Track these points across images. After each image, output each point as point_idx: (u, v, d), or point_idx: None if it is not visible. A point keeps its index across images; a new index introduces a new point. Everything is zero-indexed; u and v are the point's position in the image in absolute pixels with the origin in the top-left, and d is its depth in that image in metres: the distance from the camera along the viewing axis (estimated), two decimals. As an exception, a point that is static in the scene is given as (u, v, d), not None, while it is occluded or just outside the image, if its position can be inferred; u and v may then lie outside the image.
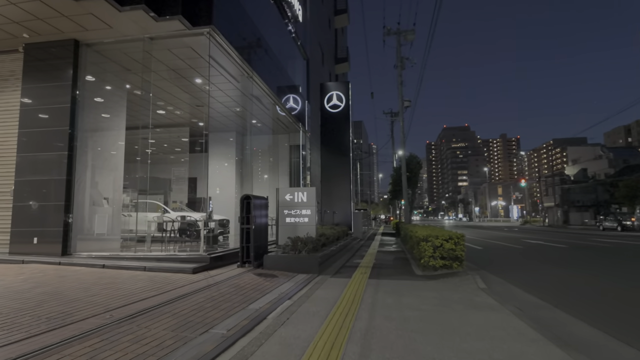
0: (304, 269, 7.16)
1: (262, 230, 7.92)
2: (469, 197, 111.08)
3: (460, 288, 5.86)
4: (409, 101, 19.65)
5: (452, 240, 7.32)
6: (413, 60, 20.58)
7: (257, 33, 10.83)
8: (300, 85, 17.65)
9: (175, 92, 11.53)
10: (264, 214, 8.07)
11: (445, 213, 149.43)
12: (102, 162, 8.83)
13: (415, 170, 23.32)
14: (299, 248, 7.56)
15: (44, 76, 8.11)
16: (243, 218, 7.46)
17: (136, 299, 4.58)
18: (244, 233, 7.43)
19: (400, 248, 13.43)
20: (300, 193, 8.98)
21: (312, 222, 8.82)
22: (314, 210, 8.87)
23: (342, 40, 36.77)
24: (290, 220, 8.93)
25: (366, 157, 73.36)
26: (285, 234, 8.61)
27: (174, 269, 6.58)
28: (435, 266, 7.30)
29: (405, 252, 11.85)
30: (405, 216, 19.70)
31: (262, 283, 5.98)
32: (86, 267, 6.82)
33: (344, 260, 9.49)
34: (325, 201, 17.60)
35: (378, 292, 5.52)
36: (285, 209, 8.98)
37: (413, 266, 8.44)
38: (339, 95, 17.84)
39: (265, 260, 7.37)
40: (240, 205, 7.47)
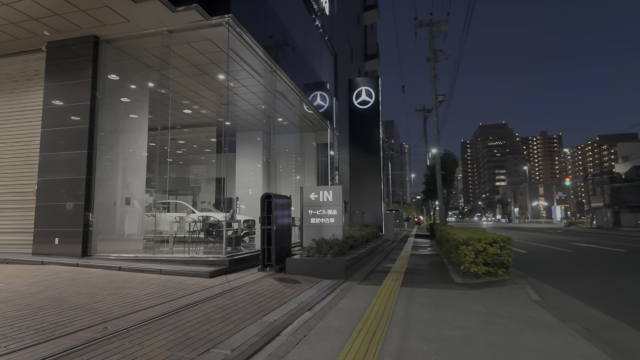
0: (329, 274, 6.56)
1: (285, 231, 7.40)
2: (507, 198, 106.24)
3: (509, 300, 5.04)
4: (444, 95, 18.60)
5: (497, 244, 6.47)
6: (447, 52, 19.51)
7: (280, 26, 10.36)
8: (327, 81, 17.08)
9: (199, 90, 11.27)
10: (286, 214, 7.54)
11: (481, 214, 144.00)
12: (123, 161, 8.63)
13: (451, 169, 22.10)
14: (324, 251, 6.96)
15: (65, 74, 8.00)
16: (264, 218, 6.97)
17: (141, 307, 4.15)
18: (265, 234, 6.93)
19: (436, 251, 12.53)
20: (325, 192, 8.39)
21: (339, 223, 8.20)
22: (340, 210, 8.25)
23: (371, 37, 35.90)
24: (315, 221, 8.36)
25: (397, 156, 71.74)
26: (310, 236, 8.04)
27: (190, 273, 6.17)
28: (478, 273, 6.48)
29: (442, 256, 10.97)
30: (440, 217, 18.64)
31: (282, 290, 5.43)
32: (102, 270, 6.55)
33: (374, 265, 8.80)
34: (355, 201, 16.91)
35: (412, 303, 4.82)
36: (310, 208, 8.42)
37: (451, 272, 7.63)
38: (368, 90, 17.11)
39: (288, 263, 6.83)
40: (261, 204, 6.98)
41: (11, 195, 8.30)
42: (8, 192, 8.32)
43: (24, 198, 8.17)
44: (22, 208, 8.15)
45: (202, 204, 16.26)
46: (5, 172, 8.39)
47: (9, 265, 6.85)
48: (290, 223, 7.69)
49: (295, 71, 11.56)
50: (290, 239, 7.63)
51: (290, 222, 7.69)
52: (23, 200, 8.17)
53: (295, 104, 12.81)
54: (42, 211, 7.79)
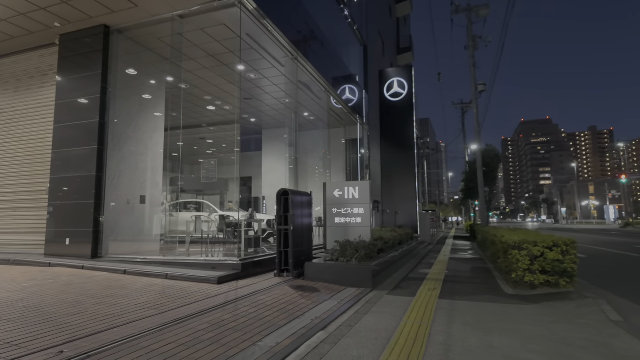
0: (353, 281, 5.68)
1: (305, 232, 6.60)
2: (553, 197, 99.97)
3: (581, 320, 3.95)
4: (484, 85, 17.12)
5: (558, 248, 5.33)
6: (488, 39, 17.99)
7: (301, 9, 9.60)
8: (356, 74, 16.18)
9: (220, 84, 10.75)
10: (306, 213, 6.74)
11: (525, 215, 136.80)
12: (138, 158, 8.19)
13: (493, 164, 20.42)
14: (348, 255, 6.09)
15: (77, 67, 7.66)
16: (280, 217, 6.21)
17: (121, 322, 3.49)
18: (282, 236, 6.16)
19: (478, 255, 11.28)
20: (351, 188, 7.52)
21: (366, 223, 7.30)
22: (368, 208, 7.34)
23: (404, 30, 34.50)
24: (339, 221, 7.50)
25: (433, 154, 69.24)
26: (334, 237, 7.19)
27: (197, 278, 5.51)
28: (533, 283, 5.36)
29: (485, 260, 9.76)
30: (481, 218, 17.17)
31: (296, 301, 4.62)
32: (107, 273, 6.05)
33: (407, 270, 7.81)
34: (387, 201, 15.87)
35: (453, 322, 3.86)
36: (334, 207, 7.57)
37: (498, 280, 6.52)
38: (401, 81, 16.02)
39: (307, 269, 6.02)
40: (277, 202, 6.22)
41: (27, 195, 8.08)
42: (23, 190, 8.11)
43: (39, 197, 7.92)
44: (37, 207, 7.90)
45: (229, 203, 15.84)
46: (20, 171, 8.19)
47: (15, 267, 6.53)
48: (311, 223, 6.89)
49: (319, 61, 10.78)
50: (311, 240, 6.82)
51: (311, 222, 6.88)
52: (38, 199, 7.92)
53: (321, 96, 12.02)
54: (53, 210, 7.46)
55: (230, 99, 12.15)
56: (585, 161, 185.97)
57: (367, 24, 17.79)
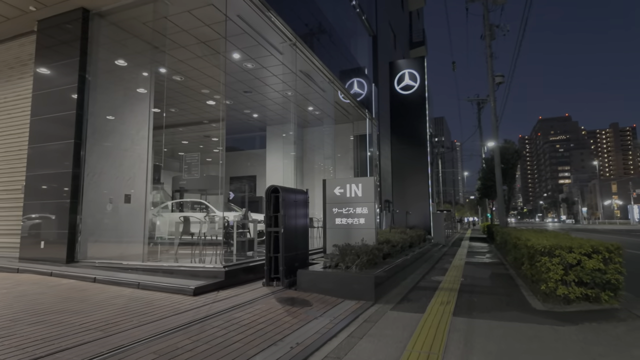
0: (352, 292, 4.88)
1: (299, 235, 5.82)
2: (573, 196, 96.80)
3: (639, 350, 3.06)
4: (502, 76, 16.06)
5: (599, 255, 4.42)
6: (506, 27, 16.94)
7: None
8: (365, 66, 15.32)
9: (217, 75, 10.06)
10: (301, 213, 5.95)
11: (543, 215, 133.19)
12: (123, 154, 7.54)
13: (513, 161, 19.25)
14: (348, 262, 5.28)
15: (55, 55, 7.05)
16: (270, 218, 5.44)
17: (47, 351, 2.77)
18: (271, 239, 5.40)
19: (497, 259, 10.31)
20: (353, 185, 6.71)
21: (370, 224, 6.48)
22: (372, 207, 6.52)
23: (417, 24, 33.41)
24: (340, 222, 6.70)
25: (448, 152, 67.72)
26: (335, 240, 6.41)
27: (171, 288, 4.79)
28: (568, 297, 4.46)
29: (506, 265, 8.81)
30: (499, 218, 16.10)
31: (279, 319, 3.85)
32: (74, 281, 5.39)
33: (418, 277, 6.96)
34: (398, 200, 14.97)
35: (472, 352, 3.03)
36: (335, 206, 6.78)
37: (524, 291, 5.62)
38: (412, 73, 15.08)
39: (300, 277, 5.23)
40: (266, 200, 5.46)
41: (4, 194, 7.52)
42: (0, 189, 7.56)
43: (17, 196, 7.34)
44: (15, 207, 7.33)
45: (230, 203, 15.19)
46: (-2, 168, 7.64)
47: (-20, 273, 5.93)
48: (306, 224, 6.10)
49: (325, 51, 9.99)
50: (306, 244, 6.04)
51: (306, 223, 6.10)
52: (15, 199, 7.35)
53: (326, 88, 11.22)
54: (28, 210, 6.88)
55: (230, 92, 11.46)
56: (607, 159, 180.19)
57: (377, 14, 16.91)
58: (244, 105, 12.61)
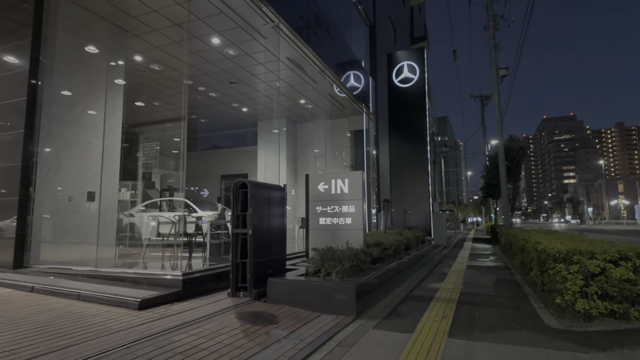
0: (330, 306, 4.11)
1: (274, 237, 5.05)
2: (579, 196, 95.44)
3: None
4: (506, 69, 15.22)
5: (628, 263, 3.63)
6: (511, 17, 16.11)
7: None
8: (362, 59, 14.55)
9: (199, 64, 9.33)
10: (277, 212, 5.19)
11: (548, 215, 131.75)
12: (85, 147, 6.82)
13: (518, 158, 18.36)
14: (327, 268, 4.52)
15: (6, 37, 6.34)
16: (237, 218, 4.69)
17: None
18: (238, 242, 4.64)
19: (502, 262, 9.51)
20: (339, 181, 5.94)
21: (358, 224, 5.72)
22: (360, 206, 5.75)
23: (419, 20, 32.59)
24: (324, 222, 5.94)
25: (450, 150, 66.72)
26: (318, 243, 5.66)
27: (114, 301, 4.05)
28: (590, 313, 3.68)
29: (512, 270, 8.01)
30: (504, 218, 15.28)
31: (231, 342, 3.09)
32: (10, 290, 4.67)
33: (413, 284, 6.18)
34: (397, 199, 14.18)
35: (470, 396, 2.25)
36: (318, 204, 6.02)
37: (533, 302, 4.83)
38: (411, 65, 14.28)
39: (271, 287, 4.47)
40: (233, 197, 4.71)
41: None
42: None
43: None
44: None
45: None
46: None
47: None
48: (283, 225, 5.33)
49: (311, 34, 9.23)
50: (283, 248, 5.28)
51: (283, 223, 5.33)
52: (-33, 197, 6.64)
53: (317, 78, 10.45)
54: (-24, 209, 6.16)
55: (215, 83, 10.73)
56: (613, 159, 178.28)
57: (375, 4, 16.14)
58: (231, 98, 11.87)
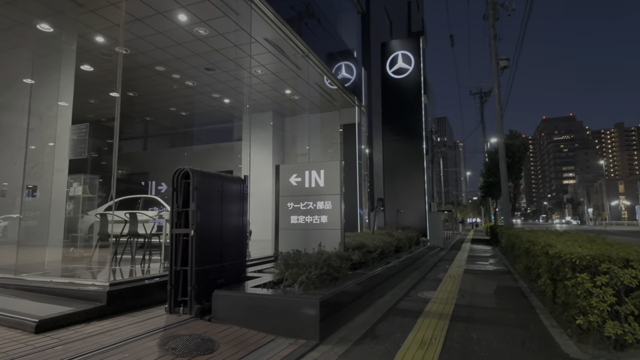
0: (289, 327, 3.23)
1: (229, 239, 4.16)
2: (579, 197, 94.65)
3: None
4: (507, 59, 14.36)
5: (675, 274, 2.74)
6: (511, 6, 15.27)
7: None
8: (354, 48, 13.68)
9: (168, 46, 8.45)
10: (234, 209, 4.30)
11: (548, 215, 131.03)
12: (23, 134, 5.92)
13: (519, 155, 17.48)
14: (289, 278, 3.63)
15: None
16: (179, 215, 3.80)
17: None
18: (178, 245, 3.76)
19: (503, 266, 8.63)
20: (313, 172, 5.07)
21: (335, 223, 4.84)
22: (338, 201, 4.88)
23: (417, 15, 31.76)
24: (297, 221, 5.07)
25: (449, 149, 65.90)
26: (289, 245, 4.78)
27: (11, 321, 3.16)
28: (624, 339, 2.79)
29: (514, 275, 7.14)
30: (505, 218, 14.41)
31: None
32: None
33: (401, 293, 5.30)
34: (390, 198, 13.31)
35: None
36: (290, 200, 5.14)
37: (543, 317, 3.96)
38: (406, 55, 13.41)
39: (217, 301, 3.58)
40: (173, 189, 3.82)
41: None
42: None
43: None
44: None
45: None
46: None
47: None
48: (241, 225, 4.43)
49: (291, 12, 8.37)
50: (241, 252, 4.38)
51: (241, 223, 4.43)
52: None
53: (301, 64, 9.57)
54: None
55: (190, 70, 9.84)
56: (612, 159, 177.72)
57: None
58: (210, 87, 10.98)
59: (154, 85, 10.82)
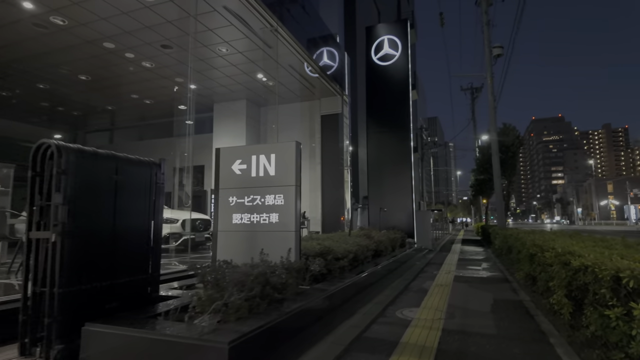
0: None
1: (124, 246, 2.98)
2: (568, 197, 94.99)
3: None
4: (501, 47, 13.37)
5: None
6: (505, -10, 14.30)
7: None
8: (337, 33, 12.57)
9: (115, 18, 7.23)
10: (139, 206, 3.11)
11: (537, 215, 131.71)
12: None
13: (513, 149, 16.53)
14: (197, 305, 2.48)
15: None
16: (40, 211, 2.62)
17: None
18: (36, 257, 2.57)
19: (498, 271, 7.59)
20: (262, 158, 3.92)
21: (289, 224, 3.71)
22: (293, 195, 3.74)
23: (406, 8, 30.81)
24: (240, 220, 3.92)
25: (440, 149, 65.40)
26: (230, 252, 3.66)
27: None
28: None
29: (512, 282, 6.07)
30: (498, 217, 13.42)
31: None
32: None
33: (375, 311, 4.17)
34: (375, 195, 12.24)
35: None
36: (232, 193, 3.99)
37: (560, 351, 2.86)
38: (392, 40, 12.33)
39: (85, 340, 2.41)
40: (32, 172, 2.64)
41: None
42: None
43: None
44: None
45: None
46: None
47: None
48: (149, 227, 3.24)
49: None
50: (149, 264, 3.20)
51: (150, 224, 3.24)
52: None
53: (270, 41, 8.41)
54: None
55: (145, 48, 8.63)
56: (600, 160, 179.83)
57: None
58: (171, 70, 9.76)
59: (107, 67, 9.57)
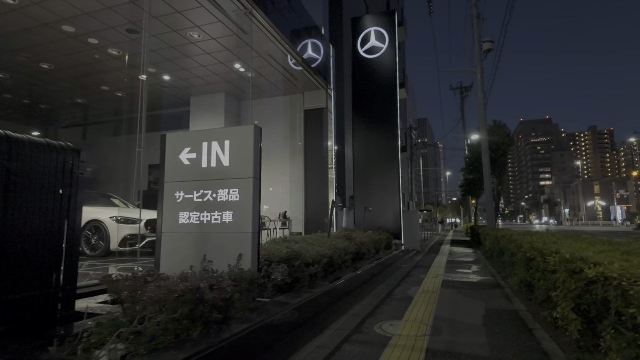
0: None
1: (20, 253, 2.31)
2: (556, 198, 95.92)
3: None
4: (491, 42, 12.94)
5: None
6: (495, -16, 13.84)
7: None
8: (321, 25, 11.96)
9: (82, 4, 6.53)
10: (41, 201, 2.46)
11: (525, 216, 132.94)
12: None
13: (504, 147, 16.12)
14: (95, 333, 1.84)
15: None
16: None
17: None
18: None
19: (489, 275, 7.06)
20: (215, 145, 3.29)
21: (245, 224, 3.08)
22: (250, 190, 3.12)
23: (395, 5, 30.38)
24: (188, 220, 3.28)
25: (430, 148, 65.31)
26: (176, 259, 3.02)
27: None
28: None
29: (505, 288, 5.53)
30: (488, 217, 12.96)
31: None
32: None
33: (351, 325, 3.56)
34: (361, 195, 11.67)
35: None
36: (180, 188, 3.35)
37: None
38: (380, 32, 11.78)
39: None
40: None
41: None
42: None
43: None
44: None
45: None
46: None
47: None
48: (56, 228, 2.58)
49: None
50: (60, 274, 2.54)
51: (57, 224, 2.57)
52: None
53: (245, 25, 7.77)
54: None
55: (109, 33, 7.92)
56: (586, 161, 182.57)
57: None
58: (141, 58, 9.04)
59: (71, 55, 8.82)
